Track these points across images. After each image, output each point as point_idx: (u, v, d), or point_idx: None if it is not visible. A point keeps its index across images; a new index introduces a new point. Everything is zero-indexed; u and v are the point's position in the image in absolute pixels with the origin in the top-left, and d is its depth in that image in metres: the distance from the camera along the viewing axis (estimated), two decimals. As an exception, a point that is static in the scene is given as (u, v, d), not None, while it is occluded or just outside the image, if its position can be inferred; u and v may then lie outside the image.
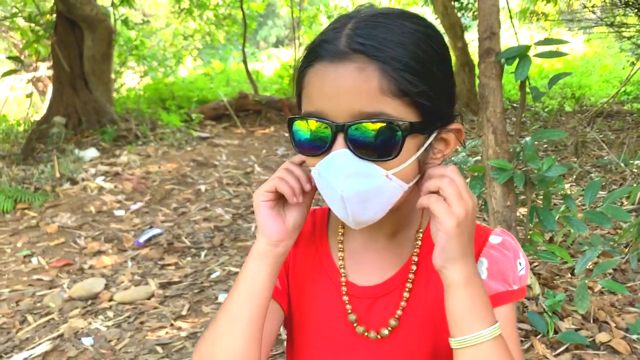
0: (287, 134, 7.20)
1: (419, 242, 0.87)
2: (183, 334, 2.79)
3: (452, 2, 7.99)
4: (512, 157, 2.33)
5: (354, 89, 0.70)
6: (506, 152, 2.27)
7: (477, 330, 0.72)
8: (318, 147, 0.75)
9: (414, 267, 0.86)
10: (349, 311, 0.87)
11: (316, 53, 0.74)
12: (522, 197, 2.49)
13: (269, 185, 0.82)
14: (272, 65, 14.61)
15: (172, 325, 2.89)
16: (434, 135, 0.77)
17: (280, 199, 0.84)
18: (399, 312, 0.85)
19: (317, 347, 0.91)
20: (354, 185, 0.73)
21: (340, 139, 0.72)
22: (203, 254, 3.79)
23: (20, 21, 7.87)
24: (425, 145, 0.76)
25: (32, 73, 10.12)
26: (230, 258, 3.71)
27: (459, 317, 0.73)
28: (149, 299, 3.17)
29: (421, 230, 0.88)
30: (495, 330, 0.73)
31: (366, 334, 0.86)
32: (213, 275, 3.45)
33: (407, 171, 0.75)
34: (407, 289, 0.85)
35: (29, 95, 7.61)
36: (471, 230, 0.75)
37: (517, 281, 0.85)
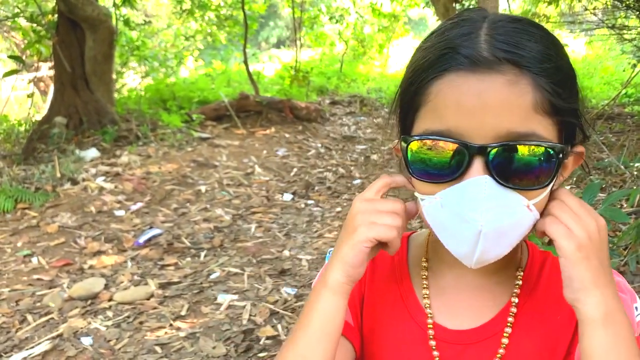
0: (287, 135, 7.24)
1: (520, 282, 0.76)
2: (182, 334, 2.79)
3: (454, 4, 7.99)
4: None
5: (503, 105, 0.60)
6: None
7: None
8: (446, 173, 0.64)
9: (513, 310, 0.75)
10: (437, 358, 0.76)
11: (449, 60, 0.62)
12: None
13: (375, 231, 0.68)
14: (273, 66, 14.63)
15: (171, 325, 2.89)
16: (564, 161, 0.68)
17: None
18: (501, 351, 0.74)
19: None
20: (497, 219, 0.62)
21: (478, 163, 0.62)
22: (203, 254, 3.80)
23: (22, 21, 7.88)
24: (560, 170, 0.66)
25: (34, 73, 10.13)
26: (229, 259, 3.72)
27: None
28: (148, 299, 3.18)
29: (521, 268, 0.78)
30: None
31: None
32: (212, 276, 3.45)
33: (544, 200, 0.66)
34: (505, 335, 0.74)
35: (31, 95, 7.63)
36: (602, 257, 0.64)
37: (636, 329, 0.72)
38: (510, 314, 0.75)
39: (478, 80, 0.60)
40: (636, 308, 0.74)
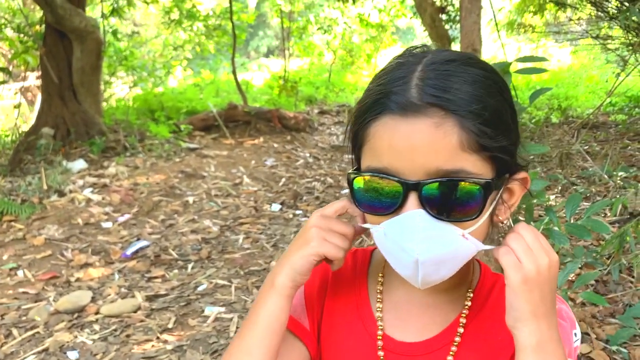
0: (276, 145, 7.25)
1: (469, 303, 0.80)
2: (169, 347, 2.78)
3: (440, 15, 8.09)
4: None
5: (430, 146, 0.65)
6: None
7: None
8: (386, 206, 0.69)
9: (461, 330, 0.79)
10: None
11: (383, 105, 0.68)
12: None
13: (325, 248, 0.75)
14: (263, 75, 14.66)
15: (158, 338, 2.88)
16: (504, 189, 0.73)
17: None
18: None
19: None
20: (431, 249, 0.68)
21: (413, 198, 0.67)
22: (190, 266, 3.79)
23: (9, 32, 7.86)
24: (497, 199, 0.72)
25: (21, 83, 10.08)
26: (217, 270, 3.72)
27: None
28: (135, 312, 3.17)
29: (471, 289, 0.82)
30: None
31: None
32: (200, 288, 3.45)
33: (482, 229, 0.71)
34: (451, 353, 0.78)
35: (17, 106, 7.60)
36: (547, 290, 0.68)
37: (572, 354, 0.78)
38: (458, 333, 0.79)
39: (407, 123, 0.65)
40: (575, 334, 0.79)
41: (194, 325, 3.00)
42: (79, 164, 5.86)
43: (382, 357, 0.80)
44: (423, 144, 0.65)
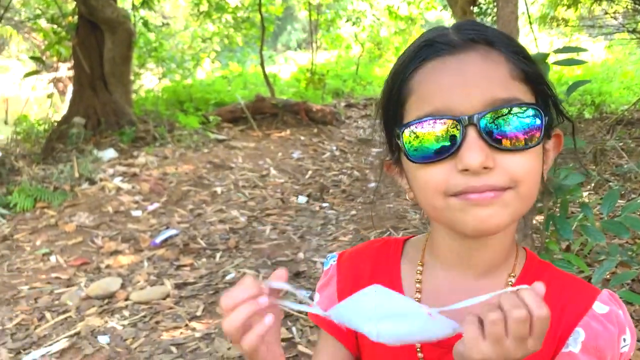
0: (303, 138, 7.25)
1: (510, 289, 0.74)
2: (197, 334, 2.81)
3: (471, 7, 7.96)
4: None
5: (483, 75, 0.64)
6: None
7: None
8: (445, 149, 0.65)
9: None
10: (420, 358, 0.79)
11: (426, 51, 0.68)
12: (539, 204, 2.47)
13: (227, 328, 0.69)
14: (290, 68, 14.68)
15: (186, 325, 2.91)
16: (546, 142, 0.71)
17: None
18: None
19: None
20: (392, 327, 0.64)
21: (472, 133, 0.64)
22: (218, 255, 3.82)
23: (43, 23, 8.01)
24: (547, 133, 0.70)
25: (53, 73, 10.28)
26: (245, 260, 3.74)
27: None
28: (164, 299, 3.21)
29: (513, 274, 0.77)
30: None
31: None
32: (228, 277, 3.47)
33: (538, 168, 0.69)
34: None
35: (50, 96, 7.75)
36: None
37: (616, 359, 0.73)
38: None
39: (455, 59, 0.66)
40: (624, 340, 0.73)
41: (222, 313, 3.02)
42: (110, 153, 5.95)
43: (418, 349, 0.78)
44: (475, 74, 0.64)
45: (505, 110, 0.64)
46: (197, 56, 11.72)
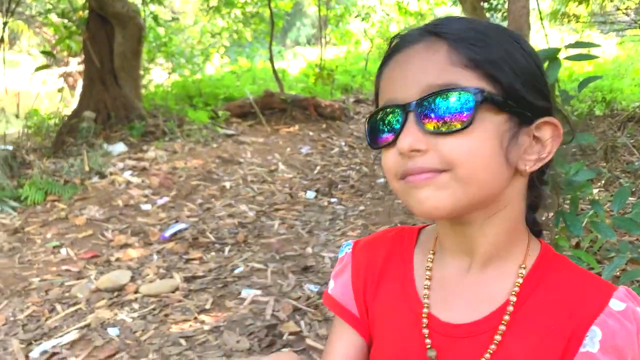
0: (311, 133, 7.25)
1: (520, 280, 0.75)
2: (206, 327, 2.83)
3: (481, 3, 7.91)
4: (539, 160, 2.31)
5: (420, 64, 0.69)
6: (534, 155, 2.25)
7: None
8: (391, 133, 0.71)
9: (510, 308, 0.74)
10: (429, 346, 0.78)
11: (389, 50, 0.74)
12: (549, 201, 2.46)
13: None
14: (298, 63, 14.66)
15: (195, 318, 2.93)
16: (522, 128, 0.70)
17: None
18: (486, 355, 0.74)
19: None
20: None
21: (411, 118, 0.68)
22: (227, 249, 3.84)
23: (54, 17, 8.05)
24: (513, 134, 0.69)
25: (64, 68, 10.34)
26: (253, 254, 3.75)
27: None
28: (173, 292, 3.23)
29: (524, 266, 0.76)
30: None
31: None
32: (236, 271, 3.49)
33: (485, 157, 0.67)
34: (499, 332, 0.74)
35: (61, 90, 7.79)
36: None
37: (638, 358, 0.70)
38: (507, 312, 0.74)
39: (404, 53, 0.71)
40: None
41: (231, 307, 3.04)
42: (119, 147, 5.98)
43: (426, 335, 0.78)
44: (414, 64, 0.69)
45: (433, 96, 0.67)
46: (207, 51, 11.74)
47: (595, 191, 4.14)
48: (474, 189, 0.68)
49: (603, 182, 4.42)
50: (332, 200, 4.98)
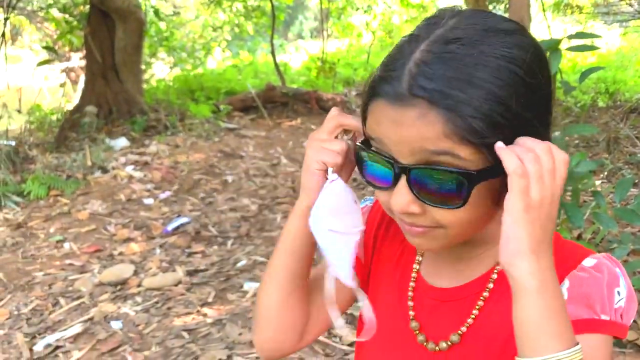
0: (313, 126, 7.23)
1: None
2: (209, 320, 2.84)
3: (484, -4, 7.87)
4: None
5: (416, 135, 0.63)
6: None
7: (553, 352, 0.60)
8: (384, 180, 0.70)
9: (494, 276, 0.77)
10: (412, 317, 0.82)
11: (375, 91, 0.68)
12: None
13: (322, 155, 0.77)
14: (300, 57, 14.63)
15: (198, 311, 2.94)
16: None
17: None
18: (463, 328, 0.77)
19: (374, 345, 0.85)
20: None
21: (402, 179, 0.67)
22: (229, 243, 3.85)
23: (55, 12, 8.04)
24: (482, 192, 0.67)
25: (65, 63, 10.34)
26: (255, 248, 3.76)
27: (529, 331, 0.62)
28: (176, 285, 3.24)
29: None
30: (575, 353, 0.60)
31: (425, 344, 0.80)
32: (239, 264, 3.50)
33: (486, 217, 0.69)
34: (482, 298, 0.77)
35: (63, 85, 7.80)
36: (546, 226, 0.62)
37: (609, 312, 0.70)
38: (490, 279, 0.77)
39: (395, 112, 0.64)
40: (617, 293, 0.71)
41: (233, 299, 3.05)
42: (121, 142, 5.99)
43: (411, 307, 0.82)
44: (409, 133, 0.63)
45: (427, 169, 0.64)
46: (208, 45, 11.72)
47: (597, 183, 4.13)
48: (465, 236, 0.72)
49: (605, 173, 4.41)
50: (334, 193, 4.98)
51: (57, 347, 2.69)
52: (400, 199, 0.67)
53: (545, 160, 0.62)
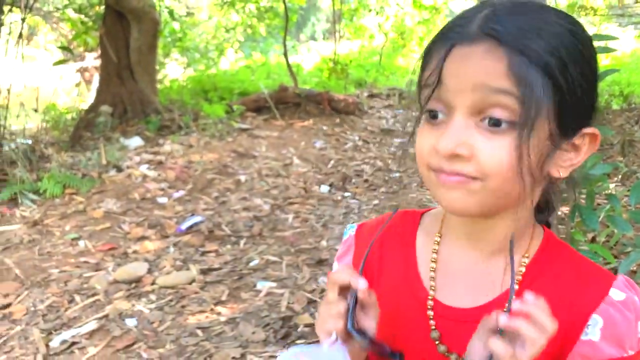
0: (325, 127, 7.26)
1: (523, 269, 0.78)
2: (222, 318, 2.86)
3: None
4: (555, 153, 2.30)
5: (480, 69, 0.66)
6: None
7: None
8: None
9: (512, 296, 0.77)
10: (433, 327, 0.80)
11: (446, 36, 0.71)
12: (565, 195, 2.45)
13: (325, 323, 0.75)
14: (312, 58, 14.65)
15: (212, 310, 2.97)
16: (565, 139, 0.70)
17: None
18: None
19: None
20: None
21: (457, 118, 0.69)
22: (242, 242, 3.87)
23: (71, 12, 8.13)
24: (555, 146, 0.69)
25: (80, 63, 10.44)
26: (268, 247, 3.78)
27: None
28: (190, 283, 3.27)
29: (527, 255, 0.78)
30: None
31: (447, 354, 0.79)
32: (252, 264, 3.52)
33: (519, 170, 0.69)
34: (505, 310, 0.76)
35: (78, 84, 7.88)
36: None
37: (636, 346, 0.73)
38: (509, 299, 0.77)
39: (464, 48, 0.67)
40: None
41: (246, 298, 3.08)
42: (136, 141, 6.04)
43: (431, 317, 0.80)
44: (475, 67, 0.66)
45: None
46: (221, 46, 11.78)
47: (612, 185, 4.10)
48: (502, 199, 0.70)
49: (620, 176, 4.39)
50: (346, 194, 4.99)
51: (73, 344, 2.73)
52: (451, 138, 0.67)
53: (540, 315, 0.64)
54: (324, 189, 5.11)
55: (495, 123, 0.67)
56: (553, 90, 0.66)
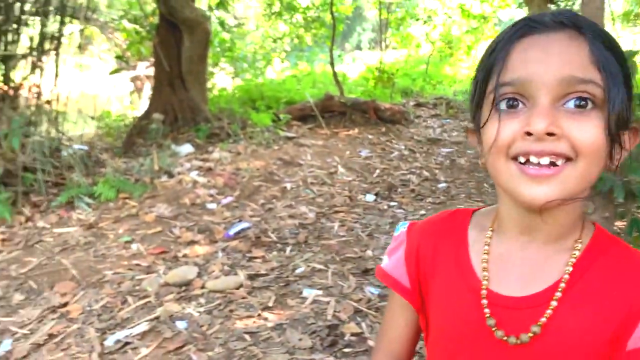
0: (371, 136, 7.26)
1: (577, 253, 0.78)
2: (270, 324, 2.90)
3: (549, 5, 7.69)
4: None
5: (564, 54, 0.69)
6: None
7: None
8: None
9: (562, 285, 0.76)
10: (487, 315, 0.80)
11: (520, 29, 0.73)
12: (622, 209, 2.39)
13: None
14: (357, 67, 14.68)
15: (259, 315, 3.01)
16: (622, 130, 0.73)
17: None
18: (542, 319, 0.76)
19: (449, 349, 0.86)
20: None
21: (545, 100, 0.70)
22: (288, 249, 3.91)
23: (126, 23, 8.44)
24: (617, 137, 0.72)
25: (133, 72, 10.80)
26: (314, 255, 3.81)
27: None
28: (237, 288, 3.33)
29: (580, 240, 0.79)
30: None
31: (505, 338, 0.79)
32: (298, 271, 3.55)
33: (604, 148, 0.71)
34: (550, 307, 0.77)
35: (132, 93, 8.16)
36: None
37: None
38: (559, 288, 0.76)
39: (544, 37, 0.71)
40: None
41: (293, 305, 3.10)
42: (186, 148, 6.20)
43: (485, 305, 0.81)
44: (559, 58, 0.69)
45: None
46: (268, 56, 11.97)
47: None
48: (582, 185, 0.72)
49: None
50: (392, 203, 4.98)
51: (126, 344, 2.81)
52: (545, 118, 0.68)
53: None
54: (370, 197, 5.11)
55: (581, 105, 0.69)
56: (624, 79, 0.71)
